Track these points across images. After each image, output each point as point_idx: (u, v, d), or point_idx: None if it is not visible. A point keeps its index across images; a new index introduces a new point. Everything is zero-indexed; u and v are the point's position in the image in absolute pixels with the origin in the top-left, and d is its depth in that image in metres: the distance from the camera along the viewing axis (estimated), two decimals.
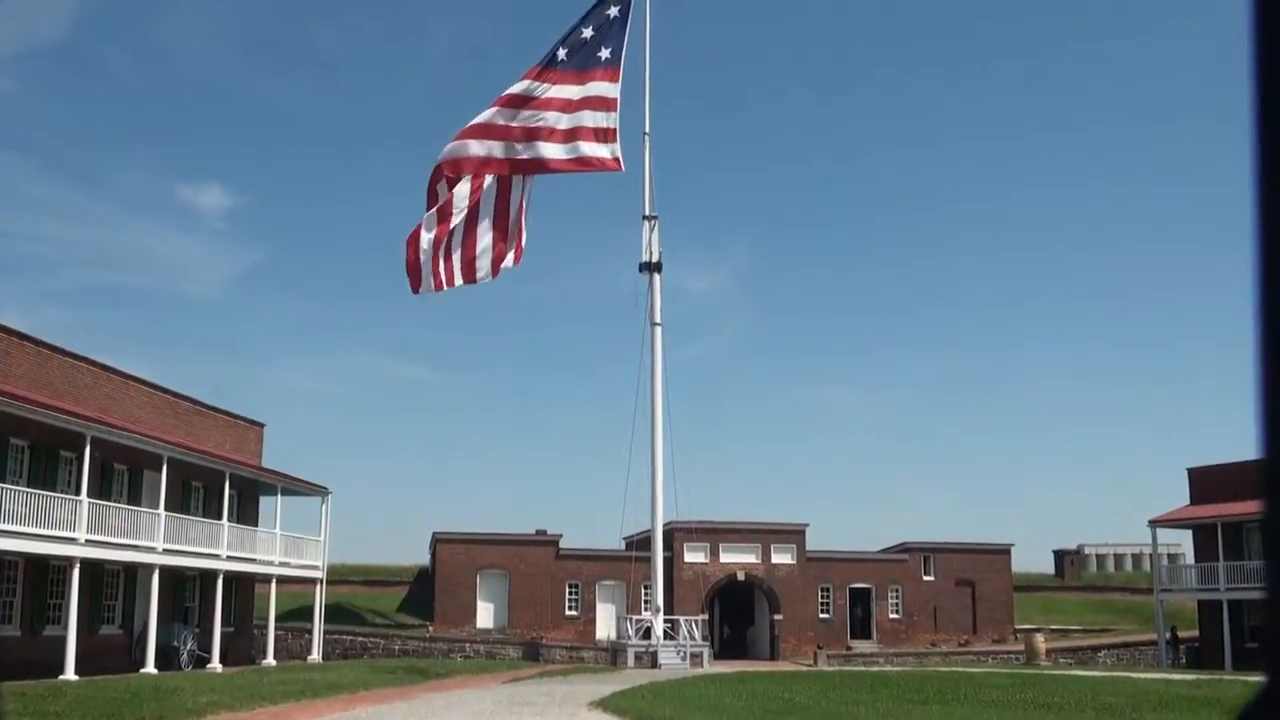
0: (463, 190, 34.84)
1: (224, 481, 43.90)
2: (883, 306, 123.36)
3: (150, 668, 35.95)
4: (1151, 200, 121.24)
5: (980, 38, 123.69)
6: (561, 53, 36.44)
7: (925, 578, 67.37)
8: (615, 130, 36.50)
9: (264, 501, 51.55)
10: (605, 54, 37.12)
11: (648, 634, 44.24)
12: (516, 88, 35.73)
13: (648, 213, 43.27)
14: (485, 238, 35.20)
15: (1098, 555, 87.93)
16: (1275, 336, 1.38)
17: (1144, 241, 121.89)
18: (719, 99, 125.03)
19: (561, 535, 64.98)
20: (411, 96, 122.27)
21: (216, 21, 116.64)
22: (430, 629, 61.04)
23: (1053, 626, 67.02)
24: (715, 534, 62.94)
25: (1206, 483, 55.67)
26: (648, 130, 42.81)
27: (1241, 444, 54.37)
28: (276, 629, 48.27)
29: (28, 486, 33.02)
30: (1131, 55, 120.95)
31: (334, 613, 57.70)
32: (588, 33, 37.05)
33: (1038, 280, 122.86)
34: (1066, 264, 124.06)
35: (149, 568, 37.82)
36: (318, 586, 50.14)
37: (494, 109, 35.43)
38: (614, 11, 37.96)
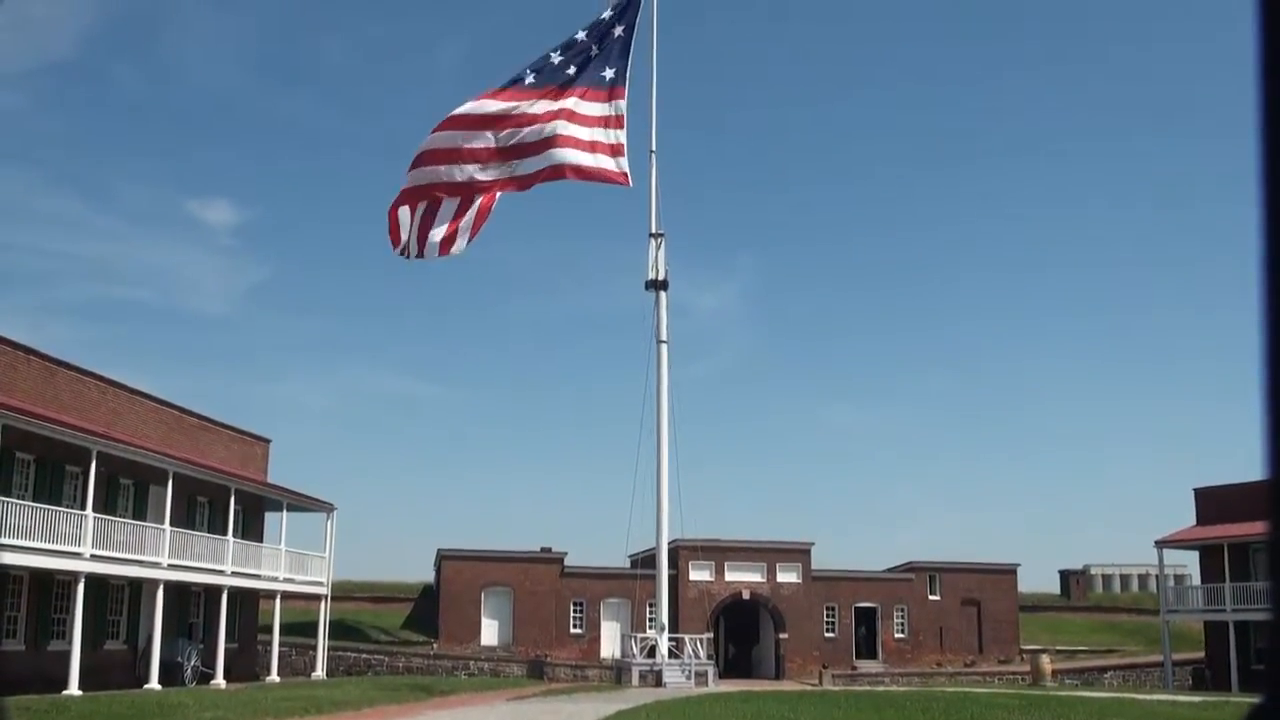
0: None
1: (229, 497, 43.91)
2: (889, 325, 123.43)
3: (154, 683, 35.87)
4: (1157, 218, 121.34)
5: (984, 56, 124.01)
6: (571, 70, 36.31)
7: (931, 597, 67.18)
8: (623, 145, 36.45)
9: (269, 517, 51.50)
10: (610, 73, 37.09)
11: (652, 652, 44.08)
12: (497, 105, 35.40)
13: (654, 230, 43.32)
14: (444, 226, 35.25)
15: (1104, 576, 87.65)
16: None
17: (1150, 260, 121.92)
18: (727, 117, 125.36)
19: (566, 553, 64.92)
20: (419, 112, 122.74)
21: (224, 37, 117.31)
22: (435, 646, 60.91)
23: (1059, 647, 66.72)
24: (720, 552, 62.83)
25: (1213, 503, 55.48)
26: (654, 148, 42.94)
27: (1248, 464, 54.21)
28: (280, 645, 48.17)
29: (33, 500, 33.02)
30: (1138, 70, 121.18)
31: (338, 629, 57.59)
32: (595, 50, 36.99)
33: (1044, 299, 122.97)
34: (1073, 283, 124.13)
35: (154, 583, 37.79)
36: (322, 603, 50.06)
37: (468, 130, 34.92)
38: (619, 30, 37.93)
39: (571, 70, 36.22)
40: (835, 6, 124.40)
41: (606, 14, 37.77)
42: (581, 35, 37.03)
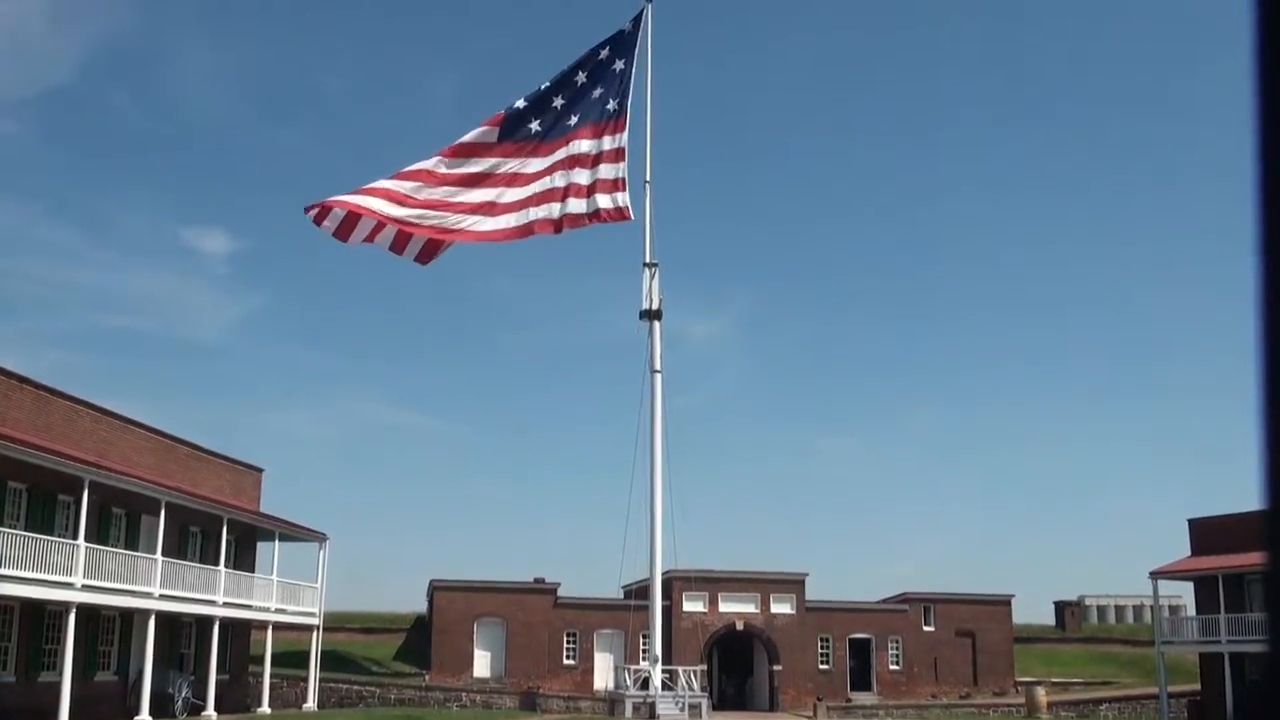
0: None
1: (222, 527, 43.72)
2: (883, 356, 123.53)
3: (145, 715, 35.67)
4: (1150, 253, 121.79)
5: (985, 91, 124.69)
6: (573, 118, 36.25)
7: (925, 628, 66.98)
8: (624, 180, 36.47)
9: (261, 547, 51.31)
10: (612, 105, 37.18)
11: (646, 684, 43.83)
12: (501, 164, 34.89)
13: (648, 260, 43.37)
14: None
15: (1099, 606, 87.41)
16: (1278, 388, 1.40)
17: (1141, 293, 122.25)
18: (724, 147, 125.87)
19: (559, 584, 64.69)
20: (413, 144, 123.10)
21: (222, 69, 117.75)
22: (427, 678, 60.57)
23: (1053, 679, 66.51)
24: (714, 583, 62.65)
25: (1208, 534, 55.41)
26: (649, 179, 43.02)
27: (1243, 495, 54.25)
28: (272, 676, 47.87)
29: (25, 530, 32.87)
30: (1141, 105, 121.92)
31: (330, 660, 57.27)
32: (596, 91, 37.03)
33: (1038, 330, 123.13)
34: (1067, 315, 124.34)
35: (145, 613, 37.57)
36: (314, 633, 49.79)
37: (463, 187, 34.16)
38: (619, 65, 38.06)
39: (573, 119, 36.23)
40: (833, 39, 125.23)
41: (604, 53, 37.89)
42: (582, 77, 37.11)
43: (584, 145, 36.14)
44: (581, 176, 35.76)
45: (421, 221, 33.93)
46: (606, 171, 36.16)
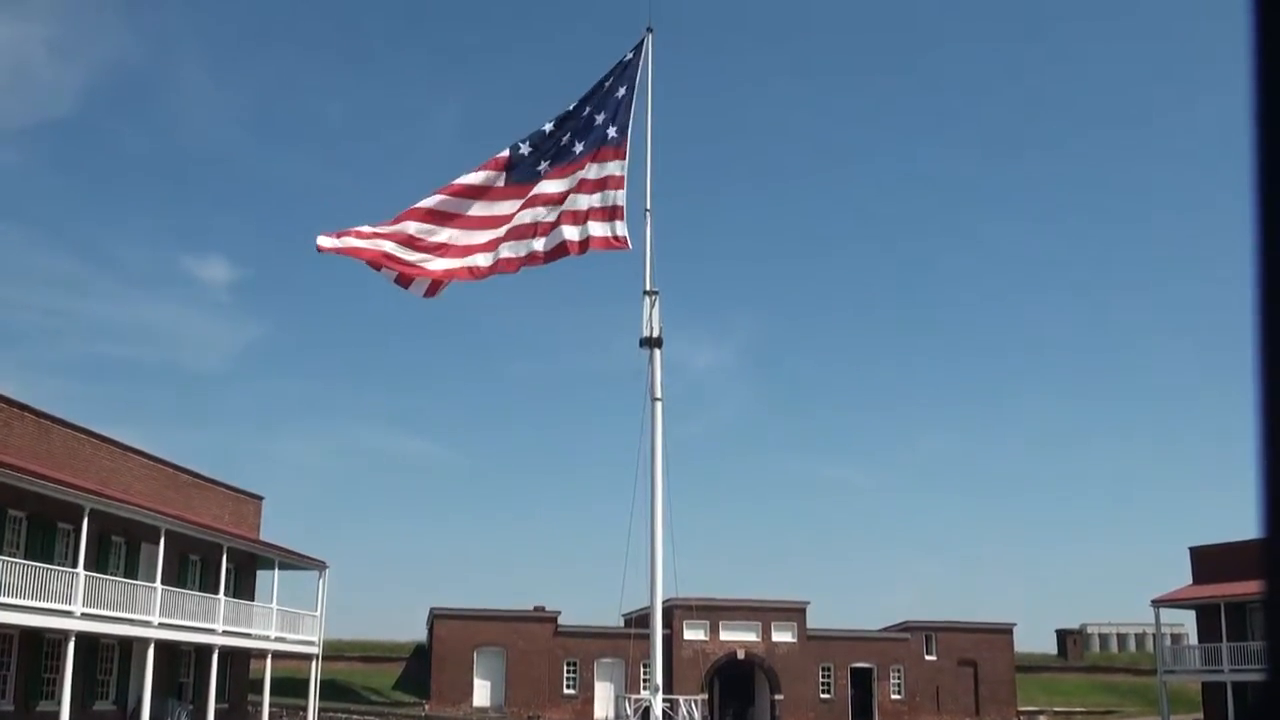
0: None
1: (221, 555, 43.62)
2: (886, 384, 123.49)
3: None
4: (1149, 285, 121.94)
5: (984, 121, 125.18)
6: (578, 147, 36.34)
7: (927, 657, 66.72)
8: (622, 208, 36.54)
9: (261, 575, 51.17)
10: (612, 132, 37.27)
11: (646, 714, 43.63)
12: (503, 206, 35.01)
13: (648, 288, 43.56)
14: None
15: (1100, 635, 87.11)
16: (1276, 416, 1.43)
17: (1142, 326, 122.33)
18: (727, 176, 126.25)
19: (560, 612, 64.51)
20: (417, 175, 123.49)
21: (223, 97, 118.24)
22: (426, 707, 60.31)
23: (1056, 708, 66.25)
24: (715, 611, 62.47)
25: (1209, 562, 55.27)
26: (649, 207, 43.26)
27: (1244, 523, 54.11)
28: (271, 705, 47.64)
29: (25, 558, 32.80)
30: (1142, 151, 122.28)
31: (330, 689, 57.03)
32: (599, 118, 37.14)
33: (1040, 359, 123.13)
34: (1068, 342, 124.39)
35: (144, 642, 37.44)
36: (313, 662, 49.59)
37: (470, 229, 34.30)
38: (621, 92, 38.22)
39: (579, 148, 36.34)
40: (836, 69, 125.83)
41: (608, 84, 38.10)
42: (587, 112, 37.29)
43: (582, 174, 36.25)
44: (579, 204, 35.83)
45: (426, 265, 34.01)
46: (606, 199, 36.24)
